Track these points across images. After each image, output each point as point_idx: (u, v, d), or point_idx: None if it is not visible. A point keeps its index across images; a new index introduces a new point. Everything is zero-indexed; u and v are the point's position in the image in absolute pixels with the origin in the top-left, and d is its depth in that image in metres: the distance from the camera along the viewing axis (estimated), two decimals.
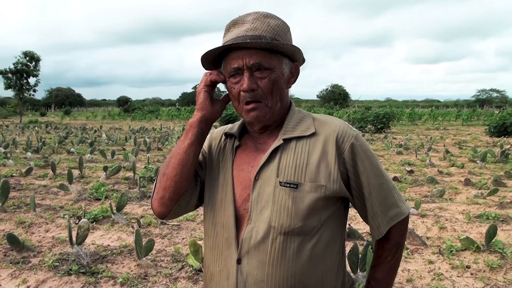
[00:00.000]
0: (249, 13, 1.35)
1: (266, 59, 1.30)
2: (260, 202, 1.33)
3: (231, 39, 1.32)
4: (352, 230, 5.17)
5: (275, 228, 1.29)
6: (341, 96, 59.61)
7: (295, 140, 1.36)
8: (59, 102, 73.22)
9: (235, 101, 1.37)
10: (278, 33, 1.33)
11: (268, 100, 1.33)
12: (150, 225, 5.83)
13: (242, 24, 1.33)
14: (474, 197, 7.23)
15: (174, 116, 39.50)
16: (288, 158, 1.34)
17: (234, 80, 1.34)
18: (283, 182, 1.31)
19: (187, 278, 4.19)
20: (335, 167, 1.32)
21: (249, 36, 1.30)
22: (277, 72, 1.33)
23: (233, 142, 1.47)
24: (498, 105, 60.32)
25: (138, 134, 21.84)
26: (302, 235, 1.30)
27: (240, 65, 1.31)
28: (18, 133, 22.21)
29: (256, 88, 1.31)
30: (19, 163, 11.28)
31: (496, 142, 16.19)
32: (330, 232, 1.35)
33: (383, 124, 22.45)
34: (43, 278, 4.15)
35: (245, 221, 1.35)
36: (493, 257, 4.60)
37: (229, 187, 1.40)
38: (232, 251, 1.35)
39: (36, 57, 36.95)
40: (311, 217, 1.30)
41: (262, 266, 1.30)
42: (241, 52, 1.30)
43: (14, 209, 6.61)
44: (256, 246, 1.31)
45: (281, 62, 1.34)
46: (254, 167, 1.37)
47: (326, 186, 1.31)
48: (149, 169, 9.78)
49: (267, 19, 1.33)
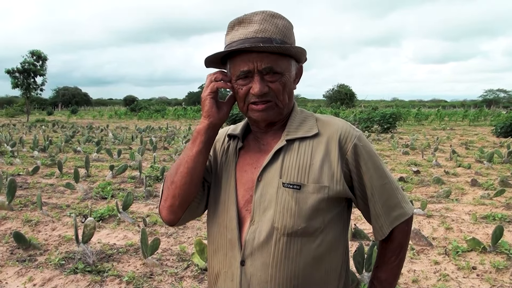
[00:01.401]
0: (255, 12, 1.32)
1: (277, 62, 1.29)
2: (263, 203, 1.32)
3: (239, 40, 1.29)
4: (358, 230, 5.16)
5: (278, 229, 1.29)
6: (347, 96, 59.48)
7: (298, 141, 1.36)
8: (65, 101, 73.49)
9: (241, 102, 1.36)
10: (286, 34, 1.32)
11: (279, 101, 1.33)
12: (156, 224, 5.85)
13: (249, 24, 1.30)
14: (480, 197, 7.20)
15: (180, 115, 39.57)
16: (291, 159, 1.33)
17: (242, 82, 1.32)
18: (286, 183, 1.30)
19: (193, 277, 4.20)
20: (338, 167, 1.32)
21: (260, 39, 1.27)
22: (286, 75, 1.32)
23: (236, 143, 1.46)
24: (505, 105, 60.00)
25: (144, 133, 21.90)
26: (305, 236, 1.30)
27: (250, 68, 1.29)
28: (25, 132, 22.32)
29: (267, 91, 1.30)
30: (26, 161, 11.34)
31: (503, 143, 16.10)
32: (334, 232, 1.35)
33: (390, 124, 22.37)
34: (49, 277, 4.17)
35: (247, 222, 1.34)
36: (499, 258, 4.58)
37: (232, 188, 1.39)
38: (235, 253, 1.34)
39: (43, 56, 37.09)
40: (315, 218, 1.30)
41: (265, 267, 1.30)
42: (251, 55, 1.28)
43: (21, 207, 6.65)
44: (260, 248, 1.30)
45: (290, 65, 1.34)
46: (257, 168, 1.37)
47: (329, 187, 1.30)
48: (155, 168, 9.81)
49: (274, 19, 1.31)
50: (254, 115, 1.35)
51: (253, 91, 1.30)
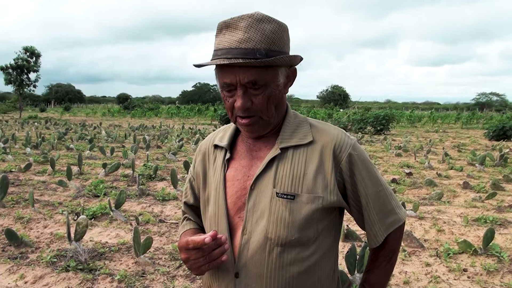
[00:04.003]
0: (242, 17, 1.24)
1: (261, 76, 1.23)
2: (256, 212, 1.31)
3: (224, 49, 1.23)
4: (350, 231, 5.18)
5: (271, 239, 1.28)
6: (341, 97, 59.67)
7: (292, 149, 1.33)
8: (59, 98, 73.06)
9: (229, 111, 1.33)
10: (274, 41, 1.24)
11: (263, 114, 1.28)
12: (149, 223, 5.84)
13: (235, 30, 1.23)
14: (472, 200, 7.25)
15: (173, 114, 39.45)
16: (285, 168, 1.31)
17: (228, 94, 1.29)
18: (279, 193, 1.29)
19: (185, 277, 4.20)
20: (332, 177, 1.30)
21: (243, 50, 1.21)
22: (272, 87, 1.27)
23: (224, 154, 1.42)
24: (498, 109, 60.37)
25: (137, 131, 21.83)
26: (299, 246, 1.29)
27: (233, 81, 1.24)
28: (18, 129, 22.19)
29: (250, 105, 1.26)
30: (18, 158, 11.29)
31: (495, 146, 16.20)
32: (327, 241, 1.35)
33: (383, 126, 22.44)
34: (41, 274, 4.15)
35: (239, 230, 1.33)
36: (490, 261, 4.61)
37: (222, 200, 1.37)
38: (229, 265, 1.33)
39: (36, 52, 36.84)
40: (308, 228, 1.29)
41: (260, 279, 1.29)
42: (234, 68, 1.23)
43: (13, 204, 6.62)
44: (253, 259, 1.29)
45: (276, 74, 1.27)
46: (250, 177, 1.35)
47: (323, 197, 1.29)
48: (148, 167, 9.78)
49: (261, 24, 1.23)
50: (241, 129, 1.35)
51: (236, 105, 1.26)
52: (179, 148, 13.56)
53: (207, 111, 39.29)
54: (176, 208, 6.66)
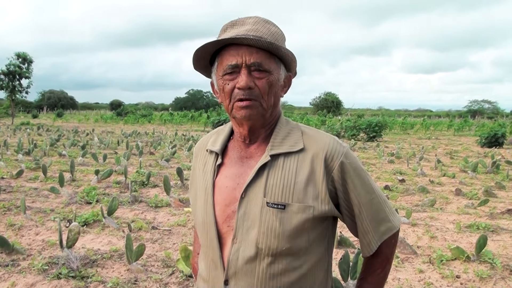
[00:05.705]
0: (249, 16, 1.31)
1: (266, 60, 1.26)
2: (246, 221, 1.29)
3: (230, 38, 1.25)
4: (343, 238, 5.17)
5: (262, 249, 1.27)
6: (334, 104, 59.87)
7: (283, 156, 1.31)
8: (51, 105, 72.76)
9: (226, 99, 1.31)
10: (277, 40, 1.29)
11: (263, 101, 1.28)
12: (141, 230, 5.81)
13: (242, 25, 1.28)
14: (464, 207, 7.28)
15: (166, 120, 39.40)
16: (276, 176, 1.29)
17: (229, 77, 1.28)
18: (270, 203, 1.27)
19: (178, 284, 4.18)
20: (323, 186, 1.29)
21: (251, 35, 1.24)
22: (275, 75, 1.29)
23: (216, 160, 1.41)
24: (490, 116, 60.80)
25: (130, 138, 21.75)
26: (290, 255, 1.28)
27: (239, 62, 1.25)
28: (10, 135, 22.04)
29: (253, 86, 1.26)
30: (10, 165, 11.20)
31: (487, 153, 16.31)
32: (319, 250, 1.34)
33: (376, 133, 22.53)
34: (32, 282, 4.11)
35: (229, 239, 1.32)
36: (483, 267, 4.62)
37: (210, 207, 1.36)
38: (218, 272, 1.33)
39: (28, 58, 36.70)
40: (299, 238, 1.28)
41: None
42: (241, 49, 1.25)
43: (4, 211, 6.56)
44: (243, 268, 1.29)
45: (278, 67, 1.31)
46: (240, 184, 1.33)
47: (314, 207, 1.27)
48: (141, 173, 9.75)
49: (267, 24, 1.30)
50: (238, 113, 1.29)
51: (238, 85, 1.26)
52: (172, 154, 13.52)
53: (200, 117, 39.22)
54: (169, 215, 6.63)
